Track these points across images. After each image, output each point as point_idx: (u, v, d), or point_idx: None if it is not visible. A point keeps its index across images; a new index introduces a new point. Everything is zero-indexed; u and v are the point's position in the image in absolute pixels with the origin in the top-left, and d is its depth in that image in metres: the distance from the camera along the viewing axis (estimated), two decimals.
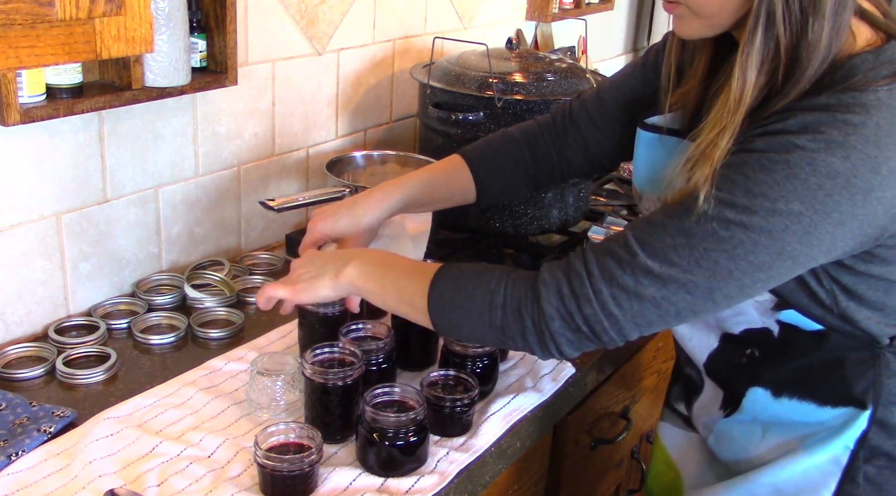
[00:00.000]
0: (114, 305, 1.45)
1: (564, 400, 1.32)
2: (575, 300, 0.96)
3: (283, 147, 1.74)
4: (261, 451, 1.01)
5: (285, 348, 1.34)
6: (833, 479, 1.05)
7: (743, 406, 1.12)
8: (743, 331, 1.09)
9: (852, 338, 1.02)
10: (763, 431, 1.11)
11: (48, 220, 1.35)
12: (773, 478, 1.09)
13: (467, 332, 1.05)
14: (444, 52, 1.98)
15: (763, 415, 1.10)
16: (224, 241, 1.67)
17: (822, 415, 1.05)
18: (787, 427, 1.08)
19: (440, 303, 1.03)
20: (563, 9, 2.53)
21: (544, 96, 1.64)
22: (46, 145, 1.32)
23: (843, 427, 1.04)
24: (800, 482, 1.07)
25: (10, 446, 1.07)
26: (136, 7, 0.94)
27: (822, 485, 1.06)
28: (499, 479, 1.22)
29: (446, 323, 1.04)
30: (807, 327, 1.03)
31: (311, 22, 1.72)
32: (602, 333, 0.96)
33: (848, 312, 1.00)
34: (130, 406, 1.17)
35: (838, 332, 1.02)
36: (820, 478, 1.06)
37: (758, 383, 1.09)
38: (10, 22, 0.84)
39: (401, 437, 1.05)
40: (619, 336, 0.97)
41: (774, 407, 1.09)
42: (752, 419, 1.12)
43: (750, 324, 1.07)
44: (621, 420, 1.60)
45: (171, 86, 1.39)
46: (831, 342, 1.03)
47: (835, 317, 1.01)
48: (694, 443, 1.24)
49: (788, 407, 1.07)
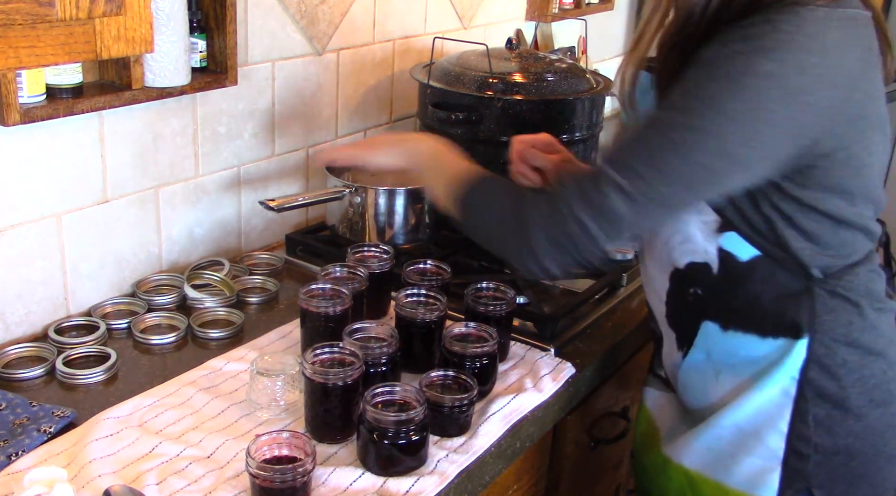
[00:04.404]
0: (114, 305, 1.45)
1: (564, 400, 1.32)
2: (556, 221, 1.05)
3: (283, 147, 1.74)
4: (253, 462, 0.99)
5: (285, 348, 1.34)
6: (787, 411, 1.11)
7: (696, 342, 1.18)
8: (687, 264, 1.16)
9: (785, 268, 1.09)
10: (716, 374, 1.18)
11: (48, 220, 1.35)
12: (732, 418, 1.15)
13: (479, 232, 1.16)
14: (444, 52, 1.98)
15: (714, 351, 1.17)
16: (224, 241, 1.67)
17: (764, 347, 1.12)
18: (737, 366, 1.15)
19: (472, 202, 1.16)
20: (563, 9, 2.53)
21: (544, 96, 1.64)
22: (46, 145, 1.32)
23: (784, 357, 1.10)
24: (757, 418, 1.13)
25: (10, 446, 1.07)
26: (136, 7, 0.95)
27: (777, 418, 1.12)
28: (499, 480, 1.23)
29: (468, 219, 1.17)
30: (743, 257, 1.10)
31: (311, 22, 1.72)
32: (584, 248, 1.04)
33: (784, 239, 1.07)
34: (130, 406, 1.17)
35: (773, 259, 1.09)
36: (775, 411, 1.12)
37: (707, 317, 1.16)
38: (10, 22, 0.84)
39: (402, 437, 1.05)
40: (598, 250, 1.05)
41: (723, 341, 1.15)
42: (707, 359, 1.18)
43: (694, 255, 1.14)
44: (621, 420, 1.60)
45: (171, 86, 1.39)
46: (766, 271, 1.10)
47: (771, 245, 1.08)
48: (670, 400, 1.31)
49: (735, 340, 1.14)
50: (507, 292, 1.35)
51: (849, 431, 1.11)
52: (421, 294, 1.32)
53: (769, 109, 0.96)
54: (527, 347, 1.38)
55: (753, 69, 0.95)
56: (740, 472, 1.16)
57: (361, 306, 1.35)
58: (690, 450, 1.21)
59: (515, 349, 1.37)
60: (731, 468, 1.17)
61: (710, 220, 1.11)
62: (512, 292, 1.35)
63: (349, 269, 1.38)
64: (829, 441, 1.11)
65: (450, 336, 1.24)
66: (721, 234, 1.11)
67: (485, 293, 1.36)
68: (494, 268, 1.63)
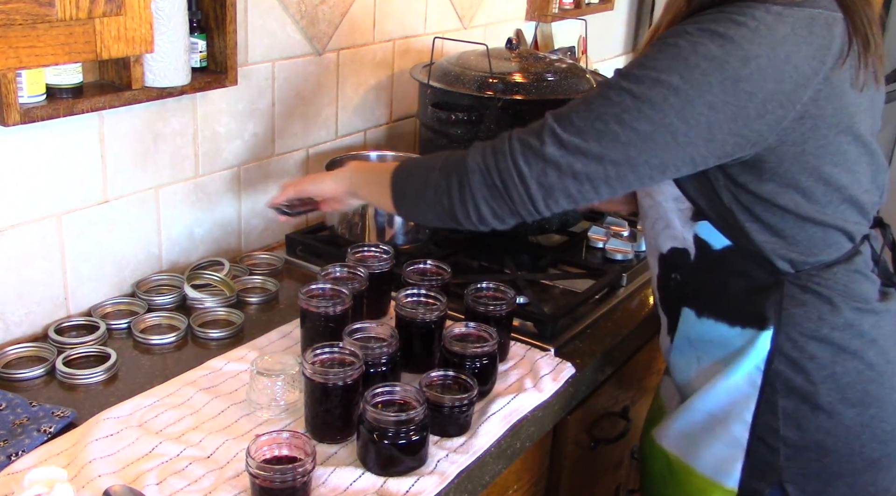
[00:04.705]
0: (114, 305, 1.45)
1: (564, 400, 1.32)
2: (493, 156, 1.10)
3: (283, 147, 1.74)
4: (253, 462, 0.99)
5: (285, 348, 1.34)
6: (752, 401, 1.14)
7: (678, 327, 1.23)
8: (670, 249, 1.21)
9: (754, 261, 1.12)
10: (698, 359, 1.22)
11: (48, 220, 1.35)
12: (704, 403, 1.20)
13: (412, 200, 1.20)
14: (443, 52, 1.98)
15: (692, 336, 1.21)
16: (224, 241, 1.67)
17: (731, 335, 1.16)
18: (711, 351, 1.19)
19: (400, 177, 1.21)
20: (563, 9, 2.53)
21: (544, 96, 1.64)
22: (46, 145, 1.32)
23: (749, 346, 1.14)
24: (725, 405, 1.17)
25: (10, 446, 1.07)
26: (136, 7, 0.95)
27: (743, 407, 1.15)
28: (499, 480, 1.23)
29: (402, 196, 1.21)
30: (717, 245, 1.14)
31: (311, 22, 1.72)
32: (513, 190, 1.08)
33: (747, 231, 1.10)
34: (130, 406, 1.17)
35: (742, 250, 1.12)
36: (741, 400, 1.15)
37: (686, 303, 1.21)
38: (10, 22, 0.84)
39: (402, 437, 1.05)
40: (526, 196, 1.07)
41: (698, 327, 1.20)
42: (688, 343, 1.22)
43: (675, 240, 1.19)
44: (621, 420, 1.60)
45: (171, 86, 1.39)
46: (736, 261, 1.13)
47: (737, 235, 1.11)
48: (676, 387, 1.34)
49: (707, 327, 1.19)
50: (507, 292, 1.35)
51: (819, 427, 1.12)
52: (421, 294, 1.32)
53: (709, 91, 0.99)
54: (527, 347, 1.38)
55: (700, 50, 1.00)
56: (707, 457, 1.19)
57: (361, 306, 1.35)
58: (670, 431, 1.26)
59: (515, 349, 1.38)
60: (701, 453, 1.20)
61: (685, 208, 1.15)
62: (512, 292, 1.35)
63: (349, 269, 1.38)
64: (797, 435, 1.13)
65: (450, 336, 1.24)
66: (696, 223, 1.15)
67: (485, 293, 1.36)
68: (494, 268, 1.63)
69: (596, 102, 1.04)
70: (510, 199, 1.09)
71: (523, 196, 1.08)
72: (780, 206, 1.08)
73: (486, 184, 1.10)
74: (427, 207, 1.18)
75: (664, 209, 1.18)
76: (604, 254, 1.73)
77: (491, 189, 1.10)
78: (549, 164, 1.05)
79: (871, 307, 1.14)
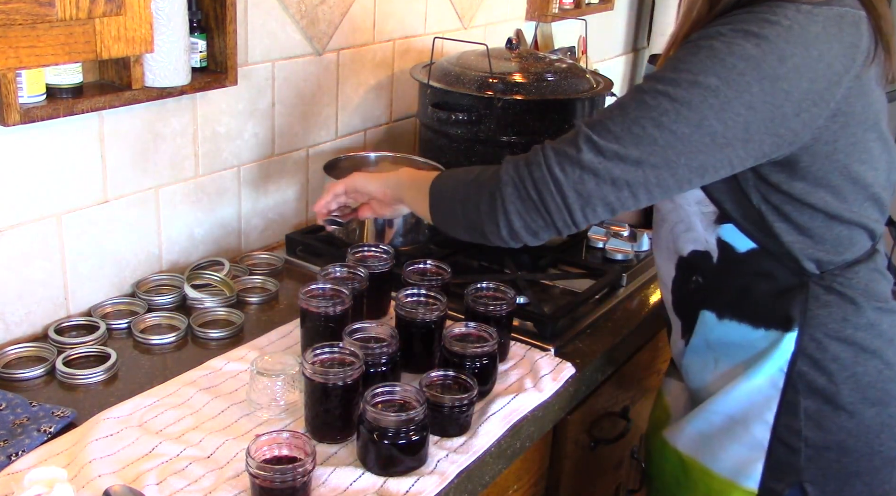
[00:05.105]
0: (114, 305, 1.45)
1: (564, 400, 1.32)
2: (527, 167, 1.07)
3: (283, 147, 1.74)
4: (253, 462, 0.99)
5: (285, 348, 1.34)
6: (774, 402, 1.14)
7: (696, 330, 1.22)
8: (690, 252, 1.20)
9: (780, 262, 1.11)
10: (715, 361, 1.21)
11: (48, 220, 1.35)
12: (724, 405, 1.19)
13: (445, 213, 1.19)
14: (443, 52, 1.98)
15: (712, 338, 1.20)
16: (224, 241, 1.67)
17: (755, 337, 1.15)
18: (731, 353, 1.18)
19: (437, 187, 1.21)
20: (563, 9, 2.53)
21: (544, 96, 1.64)
22: (46, 145, 1.32)
23: (773, 348, 1.13)
24: (746, 406, 1.16)
25: (10, 446, 1.07)
26: (136, 7, 0.95)
27: (764, 408, 1.15)
28: (499, 480, 1.23)
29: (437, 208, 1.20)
30: (741, 248, 1.13)
31: (311, 22, 1.72)
32: (549, 200, 1.05)
33: (776, 232, 1.09)
34: (130, 406, 1.17)
35: (768, 252, 1.11)
36: (762, 401, 1.15)
37: (706, 306, 1.20)
38: (10, 22, 0.84)
39: (402, 437, 1.05)
40: (563, 205, 1.05)
41: (719, 329, 1.19)
42: (706, 345, 1.22)
43: (696, 243, 1.18)
44: (621, 420, 1.60)
45: (171, 86, 1.39)
46: (761, 263, 1.13)
47: (765, 237, 1.11)
48: (683, 389, 1.34)
49: (729, 328, 1.18)
50: (507, 292, 1.35)
51: (840, 428, 1.12)
52: (421, 294, 1.32)
53: (748, 90, 0.99)
54: (527, 347, 1.38)
55: (736, 50, 0.99)
56: (726, 459, 1.19)
57: (361, 306, 1.35)
58: (684, 434, 1.25)
59: (515, 349, 1.37)
60: (718, 454, 1.19)
61: (708, 212, 1.14)
62: (512, 292, 1.35)
63: (349, 269, 1.38)
64: (819, 436, 1.12)
65: (450, 336, 1.24)
66: (720, 226, 1.13)
67: (485, 293, 1.36)
68: (494, 268, 1.63)
69: (631, 107, 1.03)
70: (546, 210, 1.07)
71: (560, 205, 1.05)
72: (810, 204, 1.07)
73: (519, 196, 1.08)
74: (457, 221, 1.17)
75: (686, 212, 1.17)
76: (604, 254, 1.73)
77: (525, 202, 1.07)
78: (587, 171, 1.03)
79: (890, 306, 1.15)
